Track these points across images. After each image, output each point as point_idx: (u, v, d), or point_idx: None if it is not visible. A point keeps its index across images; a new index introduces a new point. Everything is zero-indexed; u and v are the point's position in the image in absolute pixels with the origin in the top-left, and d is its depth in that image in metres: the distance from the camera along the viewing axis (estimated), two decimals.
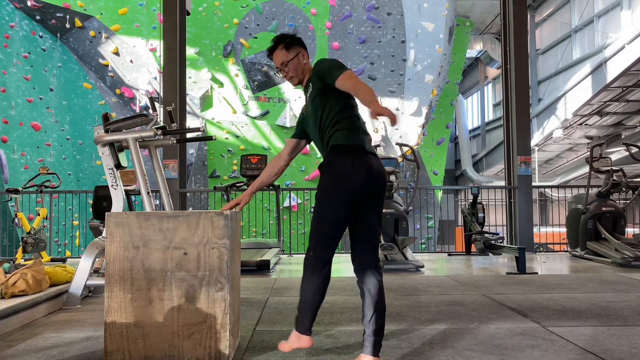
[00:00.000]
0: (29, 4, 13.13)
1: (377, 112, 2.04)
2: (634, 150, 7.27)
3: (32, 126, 13.03)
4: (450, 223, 18.03)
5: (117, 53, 13.99)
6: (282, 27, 14.87)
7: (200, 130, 4.28)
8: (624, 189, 6.95)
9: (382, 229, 6.82)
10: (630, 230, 8.64)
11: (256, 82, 14.93)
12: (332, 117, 2.42)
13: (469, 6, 21.03)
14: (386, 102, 15.42)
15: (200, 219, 2.47)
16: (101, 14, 13.74)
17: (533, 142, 17.78)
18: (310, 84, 2.52)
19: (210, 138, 4.38)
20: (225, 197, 7.68)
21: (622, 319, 3.33)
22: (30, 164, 12.80)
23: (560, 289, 4.45)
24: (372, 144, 2.53)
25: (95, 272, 4.31)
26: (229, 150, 14.71)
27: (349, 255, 2.49)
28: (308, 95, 2.54)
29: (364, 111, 2.32)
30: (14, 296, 3.57)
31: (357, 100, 2.33)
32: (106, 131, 4.03)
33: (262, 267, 5.89)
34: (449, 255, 8.05)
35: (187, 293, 2.45)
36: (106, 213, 2.50)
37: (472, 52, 24.35)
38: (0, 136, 12.39)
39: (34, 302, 3.57)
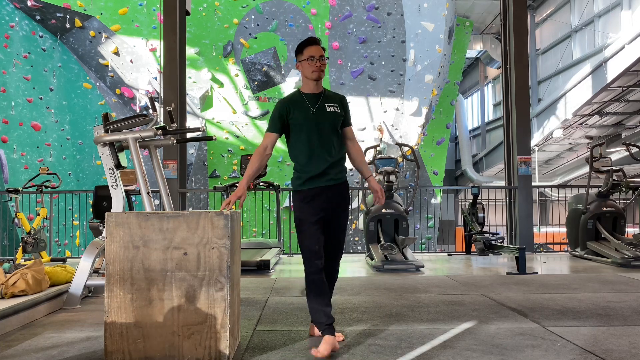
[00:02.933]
0: (29, 4, 13.13)
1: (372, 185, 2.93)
2: (634, 150, 7.27)
3: (32, 126, 13.02)
4: (450, 223, 18.02)
5: (117, 53, 13.98)
6: (282, 27, 14.86)
7: (200, 130, 4.29)
8: (624, 189, 6.95)
9: (383, 229, 6.85)
10: (630, 230, 8.65)
11: (256, 82, 14.93)
12: (341, 144, 2.92)
13: (469, 6, 21.03)
14: (386, 102, 15.43)
15: (200, 219, 2.47)
16: (101, 14, 13.73)
17: (533, 142, 17.76)
18: (332, 100, 2.89)
19: (210, 138, 4.38)
20: (225, 197, 7.69)
21: (622, 319, 3.33)
22: (30, 164, 12.80)
23: (560, 289, 4.45)
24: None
25: (95, 272, 4.31)
26: (229, 150, 14.70)
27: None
28: (326, 104, 2.86)
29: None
30: (14, 296, 3.57)
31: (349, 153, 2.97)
32: (106, 131, 4.04)
33: (262, 267, 5.89)
34: (449, 255, 8.05)
35: (187, 293, 2.45)
36: (106, 213, 2.50)
37: (472, 52, 24.33)
38: (0, 136, 12.39)
39: (34, 302, 3.57)
